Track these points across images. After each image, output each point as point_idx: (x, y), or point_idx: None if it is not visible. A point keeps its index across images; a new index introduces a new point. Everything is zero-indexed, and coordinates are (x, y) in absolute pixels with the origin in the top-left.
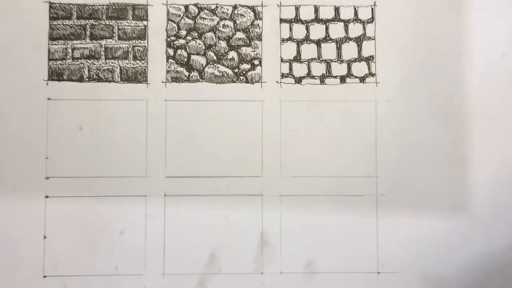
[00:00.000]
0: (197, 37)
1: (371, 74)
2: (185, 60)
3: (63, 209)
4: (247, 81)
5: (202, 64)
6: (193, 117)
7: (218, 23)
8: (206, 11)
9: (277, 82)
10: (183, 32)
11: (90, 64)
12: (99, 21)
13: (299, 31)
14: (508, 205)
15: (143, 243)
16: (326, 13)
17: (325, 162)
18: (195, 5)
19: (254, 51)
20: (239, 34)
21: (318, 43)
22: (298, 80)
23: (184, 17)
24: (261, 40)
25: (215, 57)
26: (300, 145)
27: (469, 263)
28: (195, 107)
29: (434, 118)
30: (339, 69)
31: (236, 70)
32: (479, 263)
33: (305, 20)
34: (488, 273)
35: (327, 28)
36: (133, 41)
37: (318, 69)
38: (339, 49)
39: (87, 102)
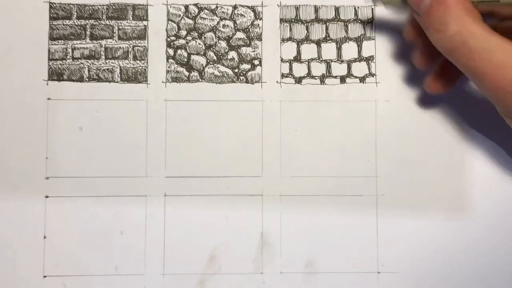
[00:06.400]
0: (197, 37)
1: (371, 74)
2: (185, 60)
3: (63, 209)
4: (247, 81)
5: (202, 64)
6: (193, 117)
7: (218, 23)
8: (206, 11)
9: (277, 82)
10: (183, 32)
11: (90, 64)
12: (99, 21)
13: (299, 31)
14: (508, 205)
15: (143, 243)
16: (326, 13)
17: (325, 162)
18: (195, 5)
19: (254, 51)
20: (239, 34)
21: (318, 43)
22: (298, 80)
23: (184, 17)
24: (261, 40)
25: (215, 57)
26: (300, 145)
27: (469, 263)
28: (195, 107)
29: (434, 118)
30: (339, 69)
31: (236, 70)
32: (479, 263)
33: (305, 20)
34: (488, 273)
35: (327, 28)
36: (133, 41)
37: (318, 69)
38: (339, 49)
39: (87, 102)
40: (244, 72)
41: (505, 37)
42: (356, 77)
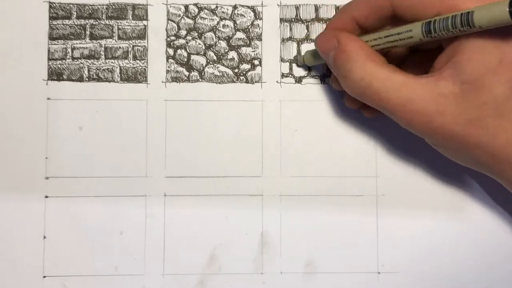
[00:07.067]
0: (197, 37)
1: None
2: (185, 60)
3: (63, 209)
4: (247, 81)
5: (202, 64)
6: (193, 117)
7: (218, 23)
8: (206, 11)
9: (277, 82)
10: (183, 32)
11: (90, 64)
12: (99, 21)
13: (299, 31)
14: (509, 205)
15: (143, 243)
16: (327, 12)
17: (325, 162)
18: (195, 5)
19: (254, 51)
20: (239, 34)
21: None
22: (298, 80)
23: (184, 17)
24: (261, 40)
25: (215, 57)
26: (300, 145)
27: (469, 263)
28: (195, 107)
29: None
30: None
31: (236, 70)
32: (479, 263)
33: (305, 20)
34: (488, 273)
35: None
36: (133, 41)
37: (318, 68)
38: None
39: (87, 102)
40: (244, 72)
41: (413, 70)
42: None
